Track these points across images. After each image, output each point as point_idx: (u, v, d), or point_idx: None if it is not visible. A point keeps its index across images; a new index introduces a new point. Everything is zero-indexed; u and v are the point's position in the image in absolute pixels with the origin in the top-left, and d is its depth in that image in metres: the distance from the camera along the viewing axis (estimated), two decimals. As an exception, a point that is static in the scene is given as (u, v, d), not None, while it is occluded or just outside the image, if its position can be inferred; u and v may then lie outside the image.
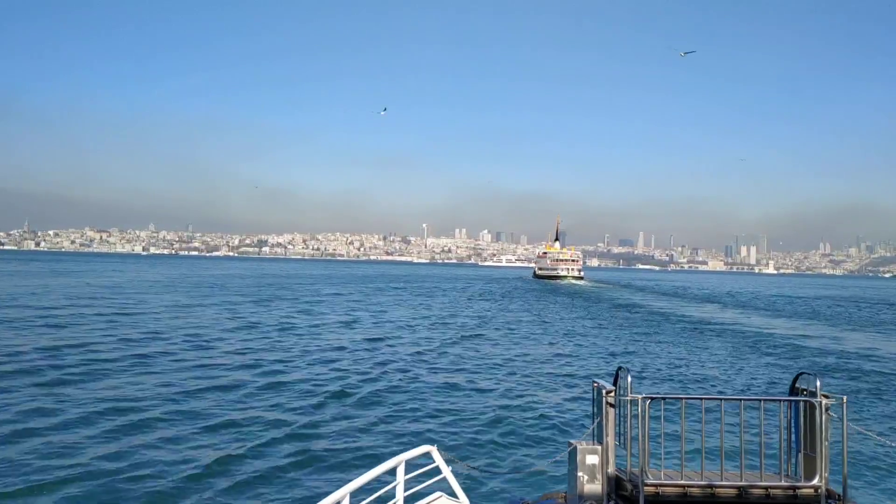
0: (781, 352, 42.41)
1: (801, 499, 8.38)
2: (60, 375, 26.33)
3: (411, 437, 19.16)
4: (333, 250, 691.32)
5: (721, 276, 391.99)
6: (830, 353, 41.87)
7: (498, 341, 44.93)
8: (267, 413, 21.91)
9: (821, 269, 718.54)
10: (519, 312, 72.10)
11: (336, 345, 39.88)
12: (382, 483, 8.23)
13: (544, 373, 32.37)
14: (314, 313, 61.69)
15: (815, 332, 57.18)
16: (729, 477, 8.62)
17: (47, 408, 20.98)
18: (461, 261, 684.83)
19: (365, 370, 31.05)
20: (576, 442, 8.89)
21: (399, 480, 8.41)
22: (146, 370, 28.58)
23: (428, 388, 27.29)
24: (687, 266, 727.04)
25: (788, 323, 66.17)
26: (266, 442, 18.48)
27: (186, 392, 24.43)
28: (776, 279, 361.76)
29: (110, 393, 23.61)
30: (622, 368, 8.76)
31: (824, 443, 8.36)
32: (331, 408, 23.13)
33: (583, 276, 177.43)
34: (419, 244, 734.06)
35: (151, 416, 20.51)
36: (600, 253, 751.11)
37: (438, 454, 9.18)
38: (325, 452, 17.80)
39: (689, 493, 8.45)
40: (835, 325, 65.65)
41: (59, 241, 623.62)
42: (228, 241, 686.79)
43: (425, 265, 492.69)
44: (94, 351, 32.94)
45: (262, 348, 36.92)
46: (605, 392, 8.68)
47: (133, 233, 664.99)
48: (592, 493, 8.58)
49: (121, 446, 17.42)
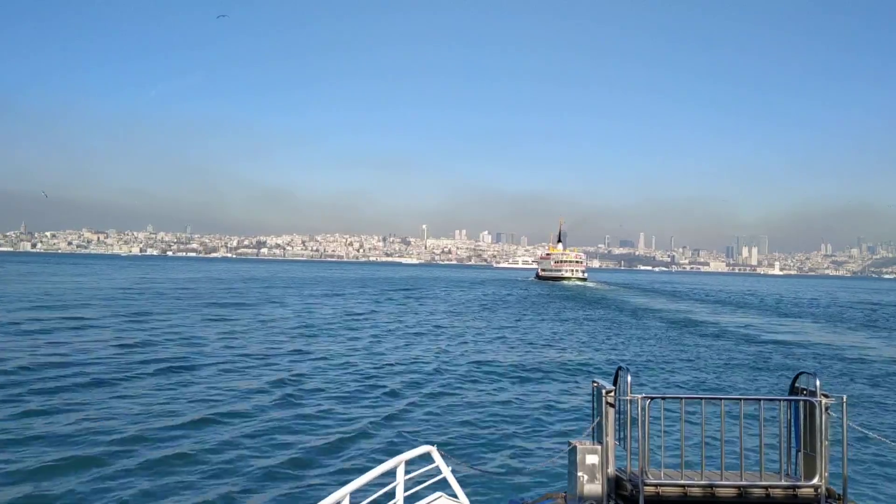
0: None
1: (801, 498, 8.37)
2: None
3: (411, 437, 19.16)
4: (332, 251, 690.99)
5: (733, 278, 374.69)
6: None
7: (501, 342, 44.94)
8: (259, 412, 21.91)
9: (823, 270, 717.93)
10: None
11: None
12: (382, 483, 8.23)
13: (545, 371, 32.38)
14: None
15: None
16: (729, 477, 8.62)
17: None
18: (461, 262, 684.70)
19: (364, 369, 31.08)
20: (575, 442, 8.88)
21: (399, 481, 8.39)
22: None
23: (429, 388, 27.30)
24: (689, 267, 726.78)
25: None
26: (262, 443, 18.47)
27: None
28: (785, 281, 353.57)
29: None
30: (622, 368, 8.76)
31: (824, 442, 8.36)
32: (329, 408, 23.13)
33: (586, 277, 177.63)
34: (419, 245, 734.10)
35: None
36: (601, 254, 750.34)
37: (438, 454, 9.18)
38: (324, 453, 17.80)
39: (690, 492, 8.44)
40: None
41: (55, 243, 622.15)
42: (227, 243, 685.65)
43: (426, 266, 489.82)
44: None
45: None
46: (605, 392, 8.68)
47: (130, 234, 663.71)
48: (592, 493, 8.57)
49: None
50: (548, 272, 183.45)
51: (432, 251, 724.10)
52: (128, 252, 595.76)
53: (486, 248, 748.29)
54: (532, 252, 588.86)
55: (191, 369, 29.57)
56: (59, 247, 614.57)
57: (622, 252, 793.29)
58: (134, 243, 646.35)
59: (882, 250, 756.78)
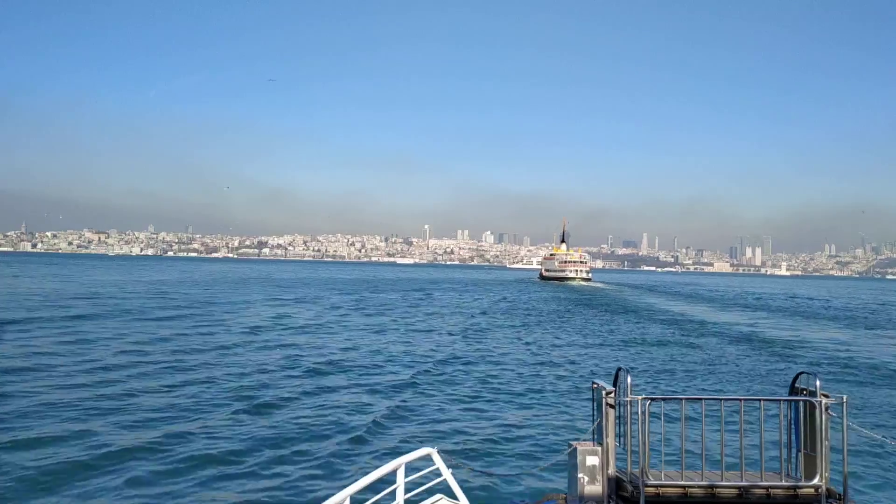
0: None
1: (802, 498, 8.36)
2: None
3: (411, 440, 19.15)
4: (334, 252, 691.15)
5: (748, 279, 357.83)
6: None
7: (501, 341, 44.93)
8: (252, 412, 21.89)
9: (828, 271, 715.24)
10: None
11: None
12: (382, 486, 8.23)
13: (545, 373, 32.37)
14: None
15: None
16: (729, 477, 8.61)
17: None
18: (463, 262, 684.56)
19: (365, 366, 31.10)
20: (576, 443, 8.88)
21: (399, 483, 8.39)
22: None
23: (429, 390, 27.29)
24: (692, 268, 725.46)
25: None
26: (259, 446, 18.47)
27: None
28: (797, 282, 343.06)
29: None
30: (622, 369, 8.76)
31: (824, 442, 8.35)
32: (328, 408, 23.16)
33: (591, 277, 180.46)
34: (421, 245, 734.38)
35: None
36: (604, 254, 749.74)
37: (439, 456, 9.17)
38: (324, 455, 17.76)
39: (690, 493, 8.44)
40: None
41: (56, 243, 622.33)
42: (228, 243, 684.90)
43: (426, 267, 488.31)
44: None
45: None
46: (605, 393, 8.68)
47: (132, 234, 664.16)
48: (593, 494, 8.57)
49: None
50: (552, 272, 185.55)
51: (434, 251, 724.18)
52: (127, 252, 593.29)
53: (489, 248, 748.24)
54: (535, 252, 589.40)
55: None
56: (59, 247, 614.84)
57: (625, 252, 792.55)
58: (135, 243, 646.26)
59: (886, 251, 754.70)
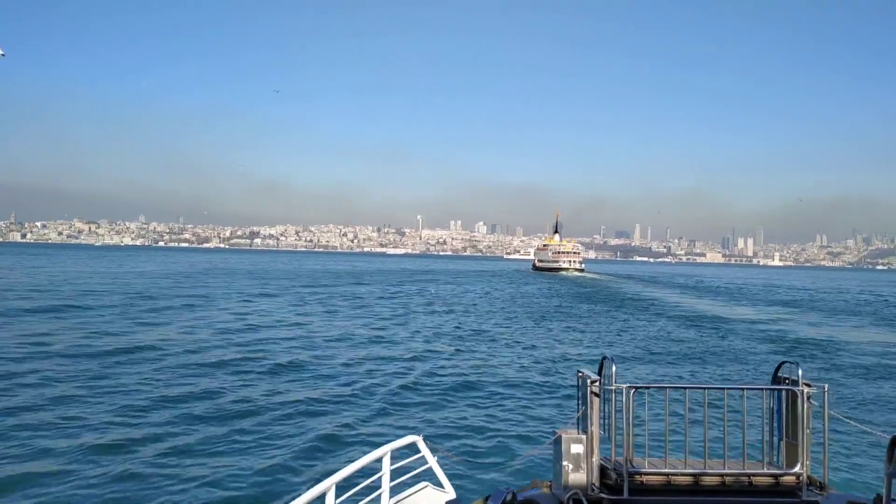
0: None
1: (784, 486, 8.43)
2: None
3: (397, 428, 19.18)
4: (327, 242, 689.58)
5: (742, 270, 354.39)
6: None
7: (492, 332, 45.03)
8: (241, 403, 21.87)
9: (819, 261, 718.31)
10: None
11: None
12: (368, 473, 8.25)
13: (532, 362, 32.49)
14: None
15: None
16: (713, 465, 8.67)
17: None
18: (456, 252, 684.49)
19: (350, 358, 31.11)
20: (561, 431, 8.90)
21: (384, 471, 8.40)
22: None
23: (415, 379, 27.34)
24: (685, 258, 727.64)
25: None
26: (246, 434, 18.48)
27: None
28: (790, 272, 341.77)
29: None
30: (607, 358, 8.79)
31: (806, 431, 8.43)
32: (315, 398, 23.17)
33: (584, 268, 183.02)
34: (413, 236, 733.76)
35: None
36: (596, 245, 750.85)
37: (424, 444, 9.20)
38: (310, 444, 17.79)
39: (673, 481, 8.49)
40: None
41: (46, 233, 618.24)
42: (220, 233, 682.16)
43: (418, 258, 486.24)
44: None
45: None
46: (590, 381, 8.70)
47: (122, 224, 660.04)
48: (577, 482, 8.59)
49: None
50: (546, 263, 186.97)
51: (427, 242, 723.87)
52: (117, 242, 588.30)
53: (482, 238, 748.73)
54: (528, 243, 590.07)
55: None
56: (49, 237, 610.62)
57: (618, 243, 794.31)
58: (126, 234, 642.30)
59: (877, 241, 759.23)
